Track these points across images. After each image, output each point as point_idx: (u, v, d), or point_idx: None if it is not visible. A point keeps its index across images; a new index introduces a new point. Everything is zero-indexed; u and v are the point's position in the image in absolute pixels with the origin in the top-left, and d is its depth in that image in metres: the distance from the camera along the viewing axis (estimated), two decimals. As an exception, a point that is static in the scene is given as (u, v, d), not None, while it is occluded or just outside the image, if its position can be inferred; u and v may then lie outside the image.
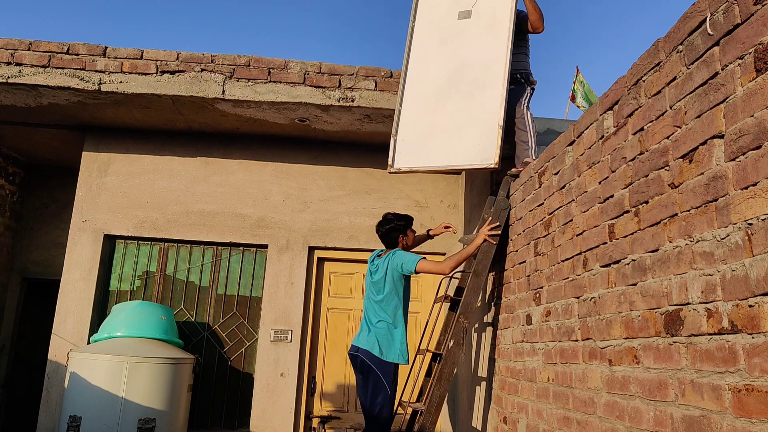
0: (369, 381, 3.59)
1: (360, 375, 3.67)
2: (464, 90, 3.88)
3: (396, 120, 4.10)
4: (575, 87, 8.35)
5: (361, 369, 3.65)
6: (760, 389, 1.42)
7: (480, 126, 3.72)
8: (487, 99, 3.75)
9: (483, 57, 3.87)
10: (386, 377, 3.57)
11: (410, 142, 4.02)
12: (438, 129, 3.94)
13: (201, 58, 4.77)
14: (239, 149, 5.52)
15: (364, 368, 3.62)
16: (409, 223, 3.95)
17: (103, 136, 5.46)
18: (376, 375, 3.56)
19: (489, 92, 3.75)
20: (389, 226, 3.87)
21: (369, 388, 3.59)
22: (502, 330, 3.63)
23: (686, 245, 1.78)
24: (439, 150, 3.89)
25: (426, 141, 3.96)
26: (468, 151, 3.73)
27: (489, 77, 3.78)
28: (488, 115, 3.69)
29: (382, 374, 3.56)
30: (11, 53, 4.64)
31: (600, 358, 2.29)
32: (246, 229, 5.37)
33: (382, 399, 3.55)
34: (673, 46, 1.92)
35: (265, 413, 5.04)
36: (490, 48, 3.85)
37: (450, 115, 3.90)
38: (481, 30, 3.96)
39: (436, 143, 3.91)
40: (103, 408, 4.14)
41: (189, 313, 5.33)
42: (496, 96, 3.70)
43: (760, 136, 1.47)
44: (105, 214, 5.30)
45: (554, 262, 2.85)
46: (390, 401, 3.58)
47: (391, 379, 3.59)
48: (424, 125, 4.00)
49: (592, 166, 2.50)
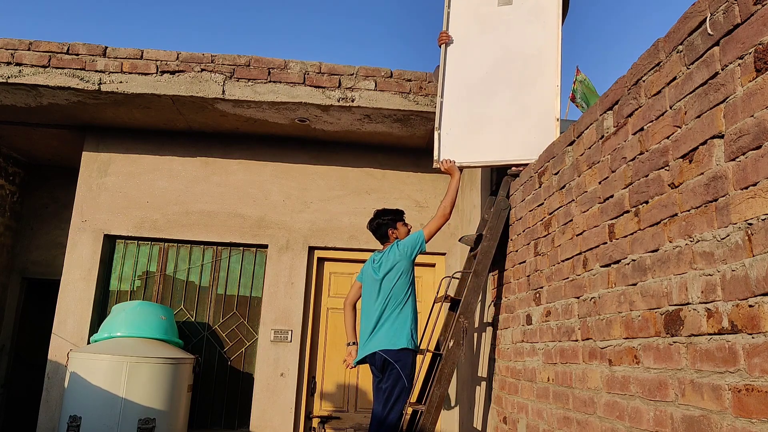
0: (390, 376, 3.53)
1: (377, 372, 3.62)
2: (513, 81, 3.74)
3: (438, 112, 3.94)
4: (575, 87, 8.35)
5: (378, 366, 3.60)
6: (760, 389, 1.42)
7: (534, 118, 3.58)
8: (539, 90, 3.61)
9: (530, 45, 3.72)
10: (405, 369, 3.52)
11: (456, 135, 3.87)
12: (486, 122, 3.79)
13: (201, 58, 4.77)
14: (239, 149, 5.52)
15: (380, 363, 3.57)
16: (397, 216, 3.93)
17: (103, 136, 5.46)
18: (396, 370, 3.52)
19: (541, 83, 3.61)
20: (377, 221, 3.90)
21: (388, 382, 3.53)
22: (502, 330, 3.63)
23: (686, 245, 1.78)
24: (489, 144, 3.75)
25: (474, 135, 3.82)
26: (522, 146, 3.59)
27: (539, 67, 3.64)
28: (543, 107, 3.56)
29: (401, 366, 3.52)
30: (11, 53, 4.64)
31: (600, 358, 2.29)
32: (246, 229, 5.37)
33: (398, 391, 3.49)
34: (673, 46, 1.92)
35: (265, 413, 5.04)
36: (537, 36, 3.70)
37: (499, 108, 3.75)
38: (526, 17, 3.80)
39: (486, 137, 3.77)
40: (103, 408, 4.14)
41: (189, 313, 5.33)
42: (549, 86, 3.57)
43: (760, 136, 1.47)
44: (105, 214, 5.30)
45: (554, 262, 2.85)
46: (407, 395, 3.50)
47: (410, 373, 3.53)
48: (470, 118, 3.85)
49: (592, 166, 2.50)
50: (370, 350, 3.62)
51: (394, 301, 3.65)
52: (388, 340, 3.56)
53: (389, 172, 5.59)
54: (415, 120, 4.95)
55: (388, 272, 3.70)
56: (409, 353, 3.57)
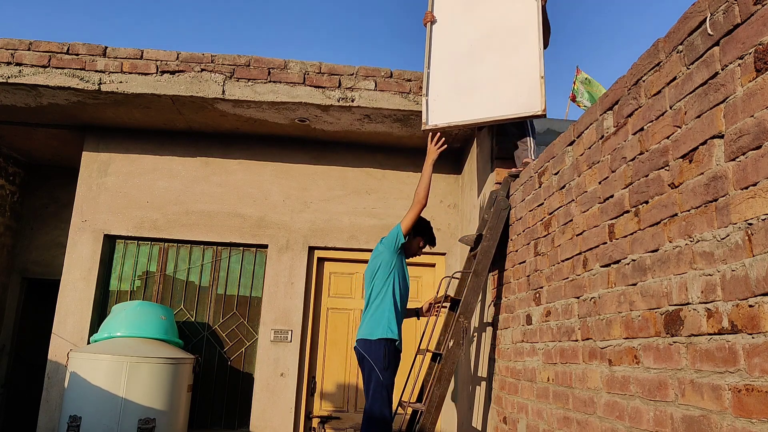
0: (364, 370, 3.53)
1: (361, 367, 3.61)
2: (498, 49, 3.95)
3: (426, 81, 4.13)
4: (575, 87, 8.35)
5: (359, 359, 3.61)
6: (760, 389, 1.42)
7: (520, 78, 3.77)
8: (523, 54, 3.82)
9: (513, 20, 3.94)
10: (377, 363, 3.45)
11: (444, 98, 4.04)
12: (474, 84, 3.96)
13: (201, 58, 4.77)
14: (239, 149, 5.52)
15: (359, 357, 3.59)
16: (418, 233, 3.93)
17: (103, 136, 5.46)
18: (368, 362, 3.49)
19: (524, 49, 3.83)
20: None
21: (364, 377, 3.53)
22: (502, 330, 3.63)
23: (686, 245, 1.78)
24: (478, 104, 3.91)
25: (462, 97, 3.98)
26: (510, 102, 3.76)
27: (523, 36, 3.85)
28: (528, 68, 3.75)
29: (373, 360, 3.47)
30: (11, 53, 4.64)
31: (600, 358, 2.29)
32: (246, 229, 5.37)
33: (374, 385, 3.43)
34: (673, 46, 1.92)
35: (265, 413, 5.04)
36: (518, 11, 3.93)
37: (486, 72, 3.94)
38: None
39: (474, 98, 3.93)
40: (103, 408, 4.14)
41: (189, 313, 5.33)
42: (533, 51, 3.77)
43: (760, 136, 1.47)
44: (105, 214, 5.30)
45: (554, 262, 2.85)
46: (382, 388, 3.41)
47: (383, 366, 3.45)
48: (457, 83, 4.04)
49: (592, 166, 2.50)
50: (357, 337, 3.67)
51: (375, 292, 3.68)
52: (367, 331, 3.58)
53: (389, 172, 5.59)
54: (415, 120, 4.95)
55: (373, 268, 3.76)
56: (382, 343, 3.50)
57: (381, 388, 3.44)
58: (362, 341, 3.59)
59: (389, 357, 3.52)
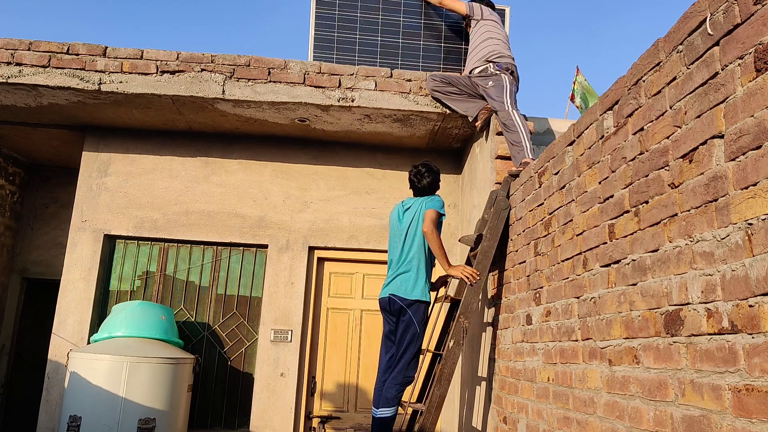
0: (400, 321, 3.66)
1: (391, 317, 3.73)
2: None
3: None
4: (575, 87, 8.34)
5: (392, 310, 3.70)
6: (760, 389, 1.42)
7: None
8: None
9: None
10: (416, 315, 3.63)
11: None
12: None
13: (201, 58, 4.77)
14: (239, 149, 5.52)
15: (394, 309, 3.68)
16: (436, 186, 3.97)
17: (103, 136, 5.46)
18: (408, 316, 3.64)
19: None
20: (433, 178, 3.90)
21: (399, 329, 3.66)
22: (502, 330, 3.63)
23: (686, 245, 1.78)
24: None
25: None
26: None
27: None
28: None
29: (412, 312, 3.63)
30: (11, 53, 4.64)
31: (600, 358, 2.29)
32: (246, 229, 5.37)
33: (410, 336, 3.61)
34: (673, 46, 1.92)
35: (265, 413, 5.04)
36: None
37: None
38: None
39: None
40: (103, 408, 4.14)
41: (189, 313, 5.33)
42: None
43: (760, 136, 1.47)
44: (105, 214, 5.30)
45: (554, 262, 2.85)
46: (418, 339, 3.63)
47: (420, 318, 3.65)
48: None
49: (592, 166, 2.50)
50: (386, 294, 3.75)
51: (414, 250, 3.74)
52: (405, 288, 3.68)
53: (389, 172, 5.59)
54: (415, 120, 4.95)
55: (413, 217, 3.76)
56: (421, 305, 3.67)
57: (418, 340, 3.64)
58: (399, 296, 3.68)
59: (425, 316, 3.72)
